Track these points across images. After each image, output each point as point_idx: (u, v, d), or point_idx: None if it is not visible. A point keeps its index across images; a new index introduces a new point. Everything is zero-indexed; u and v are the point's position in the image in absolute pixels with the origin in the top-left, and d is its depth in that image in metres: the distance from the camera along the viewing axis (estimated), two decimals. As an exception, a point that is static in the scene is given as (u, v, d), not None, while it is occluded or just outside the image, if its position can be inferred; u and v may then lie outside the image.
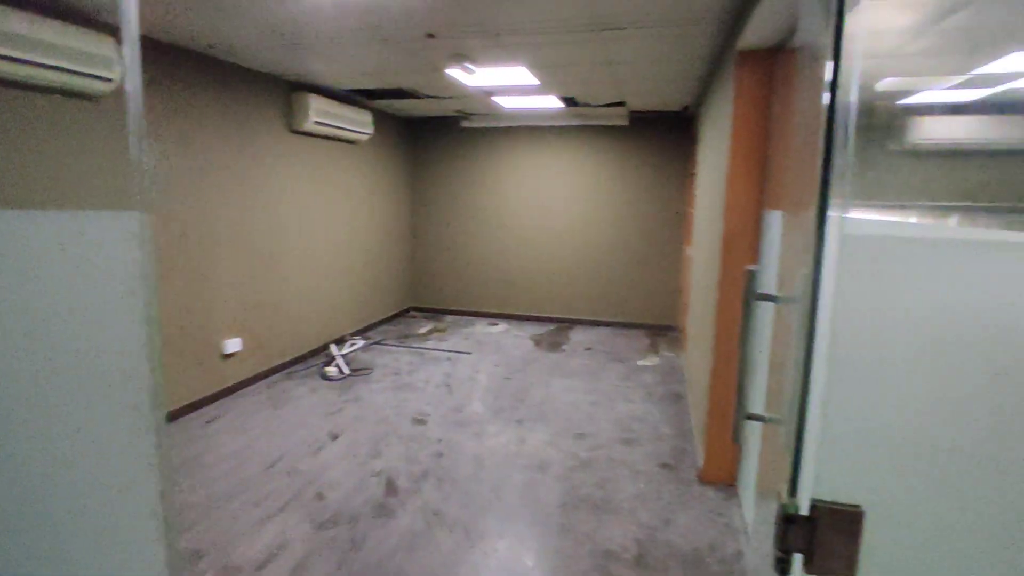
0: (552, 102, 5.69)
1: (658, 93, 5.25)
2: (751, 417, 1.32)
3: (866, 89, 0.79)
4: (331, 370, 4.94)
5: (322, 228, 5.55)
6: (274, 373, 4.94)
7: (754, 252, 2.97)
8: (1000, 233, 1.21)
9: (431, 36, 3.47)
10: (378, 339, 6.16)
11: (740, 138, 2.93)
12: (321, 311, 5.60)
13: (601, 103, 5.82)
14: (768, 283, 2.48)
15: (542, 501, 2.99)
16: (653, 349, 6.02)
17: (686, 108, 6.05)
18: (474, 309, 7.45)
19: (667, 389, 4.76)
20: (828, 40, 0.72)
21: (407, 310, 7.57)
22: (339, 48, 3.81)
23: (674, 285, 6.75)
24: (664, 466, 3.39)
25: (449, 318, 7.34)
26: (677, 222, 6.64)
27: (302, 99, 4.87)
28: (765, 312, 2.23)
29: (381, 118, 6.45)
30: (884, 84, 2.89)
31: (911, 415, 0.78)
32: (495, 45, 3.65)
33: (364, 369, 5.11)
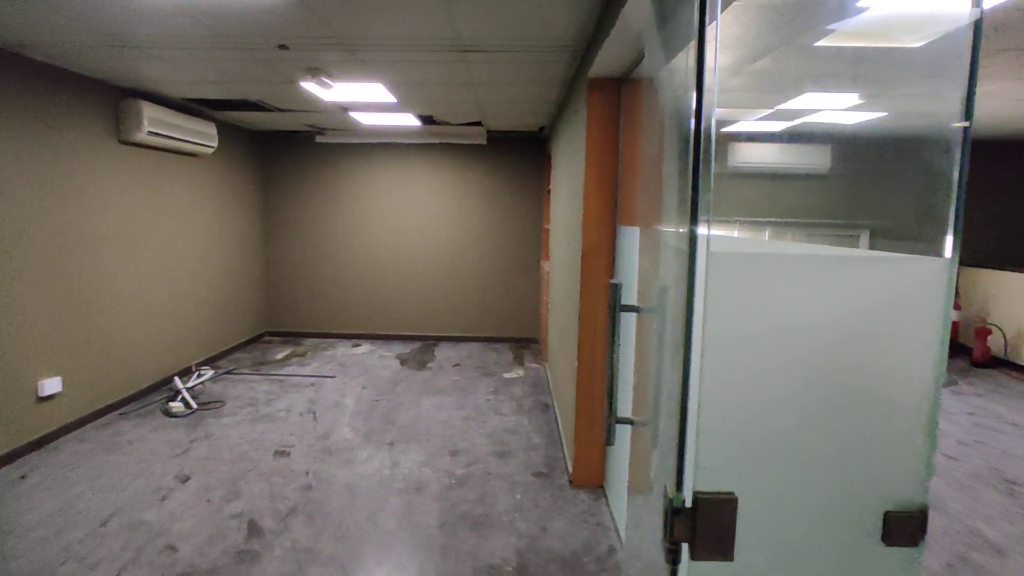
0: (410, 120, 5.68)
1: (516, 114, 5.46)
2: (621, 421, 1.42)
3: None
4: (176, 405, 4.45)
5: (161, 249, 5.00)
6: (106, 413, 4.34)
7: (610, 265, 3.19)
8: (827, 248, 1.42)
9: (283, 47, 3.32)
10: (230, 368, 5.67)
11: (594, 158, 3.14)
12: (163, 340, 5.04)
13: (459, 122, 5.92)
14: (627, 295, 2.68)
15: (421, 524, 2.93)
16: (519, 361, 6.19)
17: (542, 129, 6.35)
18: (335, 331, 7.15)
19: (535, 400, 4.91)
20: (692, 74, 0.81)
21: (262, 335, 7.07)
22: (179, 53, 3.50)
23: (534, 299, 7.01)
24: (538, 475, 3.50)
25: (309, 341, 6.97)
26: (535, 237, 6.92)
27: (133, 107, 4.38)
28: (627, 322, 2.40)
29: (227, 130, 6.00)
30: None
31: (762, 410, 0.90)
32: (353, 60, 3.57)
33: (215, 402, 4.68)
